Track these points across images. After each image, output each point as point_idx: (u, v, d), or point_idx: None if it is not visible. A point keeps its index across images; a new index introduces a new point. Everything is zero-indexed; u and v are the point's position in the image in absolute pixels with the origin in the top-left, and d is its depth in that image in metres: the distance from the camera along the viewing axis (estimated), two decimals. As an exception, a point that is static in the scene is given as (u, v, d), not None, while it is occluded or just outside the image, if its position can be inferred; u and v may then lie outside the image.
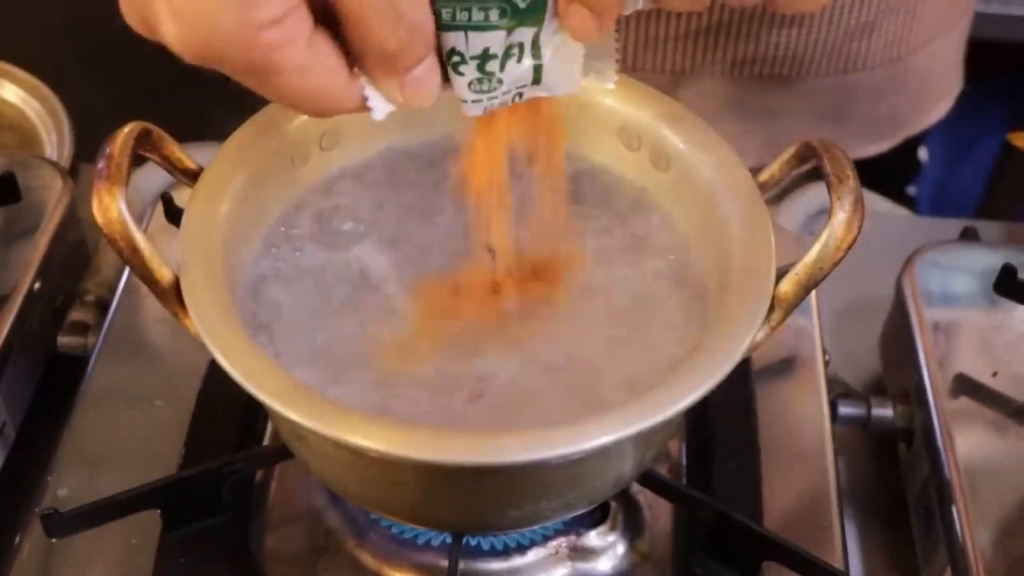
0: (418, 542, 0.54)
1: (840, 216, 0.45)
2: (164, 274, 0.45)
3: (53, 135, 0.77)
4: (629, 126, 0.54)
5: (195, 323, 0.44)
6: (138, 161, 0.46)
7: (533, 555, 0.54)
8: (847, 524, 0.58)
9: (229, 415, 0.59)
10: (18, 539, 0.55)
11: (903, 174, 0.94)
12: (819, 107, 0.79)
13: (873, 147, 0.84)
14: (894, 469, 0.64)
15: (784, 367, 0.63)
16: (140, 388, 0.61)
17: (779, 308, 0.46)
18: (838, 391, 0.64)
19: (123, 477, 0.54)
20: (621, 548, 0.55)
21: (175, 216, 0.54)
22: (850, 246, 0.45)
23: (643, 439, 0.47)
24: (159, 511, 0.54)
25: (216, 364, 0.43)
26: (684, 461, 0.59)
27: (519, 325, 0.49)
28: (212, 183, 0.49)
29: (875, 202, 0.81)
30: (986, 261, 0.66)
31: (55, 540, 0.54)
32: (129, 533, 0.55)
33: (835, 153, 0.46)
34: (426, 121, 0.55)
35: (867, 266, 0.62)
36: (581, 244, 0.52)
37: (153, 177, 0.73)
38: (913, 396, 0.62)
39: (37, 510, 0.54)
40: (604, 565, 0.55)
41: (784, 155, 0.49)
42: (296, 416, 0.42)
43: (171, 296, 0.45)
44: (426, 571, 0.54)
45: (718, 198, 0.50)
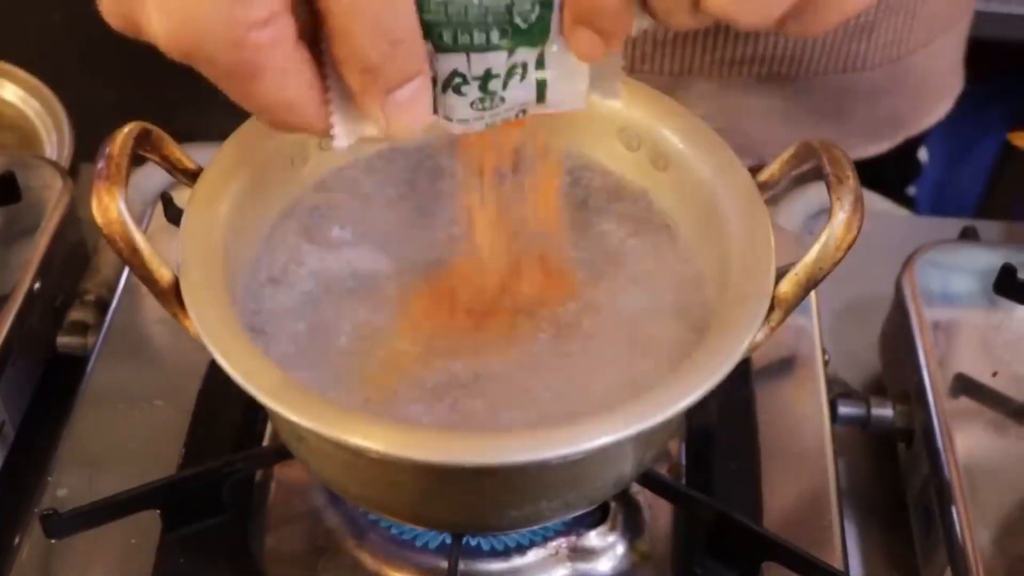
0: (418, 542, 0.54)
1: (840, 216, 0.45)
2: (164, 274, 0.45)
3: (53, 135, 0.77)
4: (629, 126, 0.54)
5: (194, 323, 0.44)
6: (138, 161, 0.46)
7: (533, 555, 0.54)
8: (847, 524, 0.58)
9: (229, 415, 0.59)
10: (17, 539, 0.55)
11: (903, 174, 0.94)
12: (819, 107, 0.79)
13: (873, 147, 0.84)
14: (894, 469, 0.64)
15: (784, 367, 0.63)
16: (140, 388, 0.61)
17: (779, 308, 0.46)
18: (838, 391, 0.64)
19: (123, 477, 0.54)
20: (621, 548, 0.55)
21: (175, 216, 0.54)
22: (850, 246, 0.45)
23: (643, 439, 0.47)
24: (159, 511, 0.54)
25: (216, 364, 0.43)
26: (684, 461, 0.59)
27: (518, 325, 0.49)
28: (212, 183, 0.49)
29: (875, 202, 0.81)
30: (986, 261, 0.66)
31: (54, 541, 0.54)
32: (129, 533, 0.55)
33: (835, 153, 0.46)
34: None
35: (867, 266, 0.62)
36: (581, 245, 0.52)
37: (153, 177, 0.73)
38: (913, 396, 0.62)
39: (36, 510, 0.54)
40: (604, 565, 0.55)
41: (784, 155, 0.49)
42: (295, 417, 0.42)
43: (171, 296, 0.45)
44: (426, 571, 0.54)
45: (718, 198, 0.50)
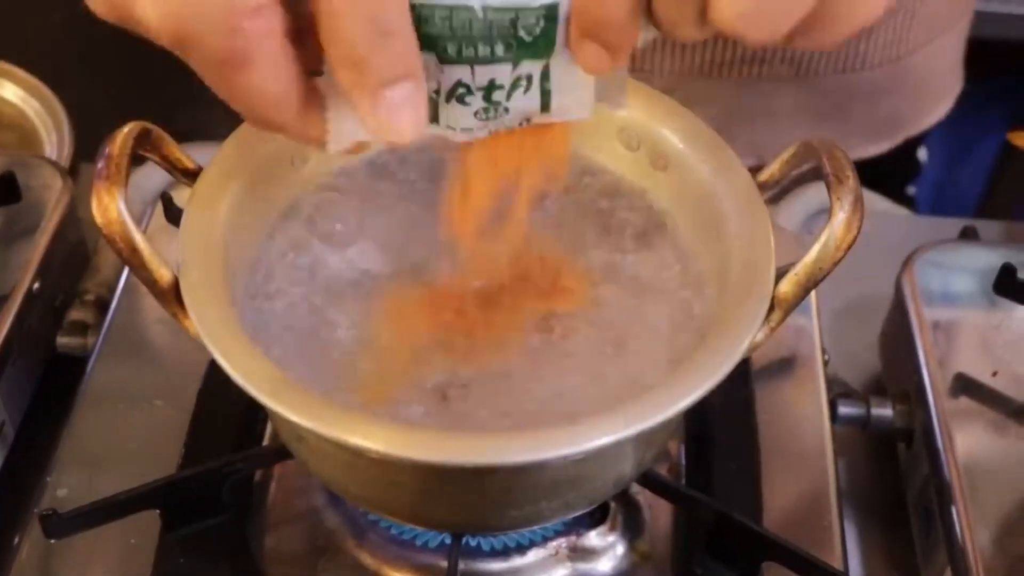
0: (417, 542, 0.54)
1: (840, 216, 0.45)
2: (163, 274, 0.45)
3: (53, 135, 0.77)
4: (629, 126, 0.54)
5: (194, 323, 0.44)
6: (138, 161, 0.46)
7: (533, 555, 0.54)
8: (847, 524, 0.58)
9: (229, 415, 0.59)
10: (17, 539, 0.55)
11: (903, 174, 0.94)
12: (819, 107, 0.79)
13: (873, 147, 0.84)
14: (894, 469, 0.64)
15: (784, 367, 0.63)
16: (140, 388, 0.61)
17: (779, 308, 0.46)
18: (838, 391, 0.64)
19: (123, 477, 0.54)
20: (621, 548, 0.55)
21: (175, 216, 0.54)
22: (850, 246, 0.45)
23: (643, 439, 0.47)
24: (159, 511, 0.54)
25: (216, 364, 0.43)
26: (684, 461, 0.59)
27: (518, 326, 0.49)
28: (212, 183, 0.49)
29: (875, 202, 0.81)
30: (986, 260, 0.66)
31: (54, 541, 0.53)
32: (129, 533, 0.55)
33: (835, 153, 0.46)
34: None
35: (867, 266, 0.62)
36: (580, 245, 0.52)
37: (153, 177, 0.73)
38: (913, 396, 0.62)
39: (36, 510, 0.54)
40: (604, 565, 0.55)
41: (784, 155, 0.49)
42: (295, 417, 0.42)
43: (170, 296, 0.45)
44: (426, 571, 0.54)
45: (718, 198, 0.50)
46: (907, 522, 0.61)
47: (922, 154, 0.92)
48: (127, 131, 0.46)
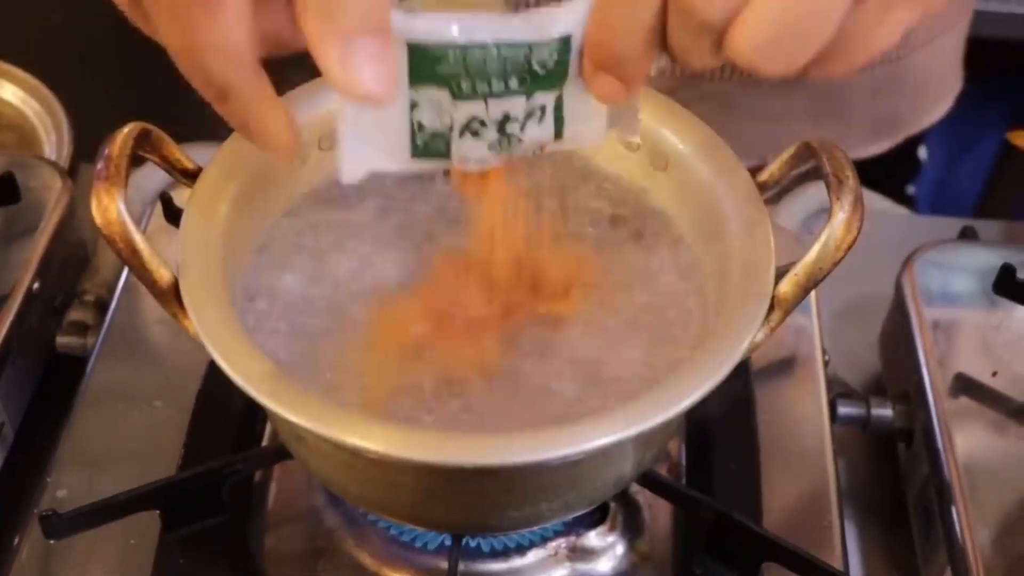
0: (417, 543, 0.54)
1: (840, 216, 0.44)
2: (163, 275, 0.45)
3: (52, 135, 0.77)
4: (629, 127, 0.53)
5: (194, 324, 0.44)
6: (137, 161, 0.46)
7: (533, 556, 0.54)
8: (847, 524, 0.58)
9: (229, 415, 0.59)
10: (17, 540, 0.55)
11: (903, 173, 0.94)
12: (819, 107, 0.79)
13: (873, 147, 0.84)
14: (894, 469, 0.64)
15: (784, 367, 0.63)
16: (140, 388, 0.61)
17: (779, 308, 0.46)
18: (838, 391, 0.64)
19: (122, 477, 0.54)
20: (621, 549, 0.55)
21: (174, 216, 0.54)
22: (850, 246, 0.45)
23: (643, 440, 0.47)
24: (159, 511, 0.54)
25: (215, 365, 0.43)
26: (684, 461, 0.59)
27: (517, 327, 0.49)
28: (211, 184, 0.49)
29: (874, 201, 0.81)
30: (985, 260, 0.66)
31: (54, 541, 0.53)
32: (129, 533, 0.55)
33: (835, 153, 0.46)
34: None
35: (866, 266, 0.62)
36: (580, 245, 0.52)
37: (152, 177, 0.73)
38: (913, 396, 0.62)
39: (36, 511, 0.54)
40: (604, 566, 0.55)
41: (784, 155, 0.49)
42: (294, 417, 0.42)
43: (170, 297, 0.45)
44: (426, 572, 0.54)
45: (717, 198, 0.50)
46: (907, 522, 0.61)
47: (922, 153, 0.92)
48: (127, 132, 0.46)
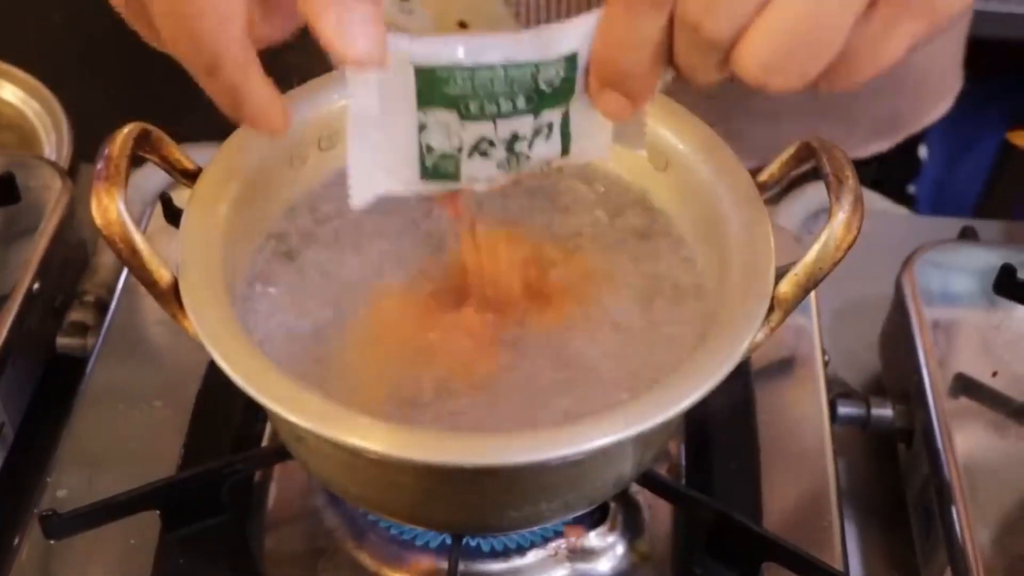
0: (417, 543, 0.54)
1: (839, 216, 0.44)
2: (163, 275, 0.45)
3: (52, 135, 0.77)
4: (629, 127, 0.53)
5: (194, 324, 0.44)
6: (137, 161, 0.46)
7: (533, 556, 0.54)
8: (847, 524, 0.58)
9: (228, 416, 0.59)
10: (17, 540, 0.55)
11: (903, 173, 0.94)
12: (819, 107, 0.79)
13: (874, 147, 0.84)
14: (894, 469, 0.64)
15: (784, 367, 0.63)
16: (139, 389, 0.61)
17: (778, 308, 0.46)
18: (838, 391, 0.64)
19: (122, 478, 0.54)
20: (621, 549, 0.55)
21: (174, 217, 0.54)
22: (849, 246, 0.45)
23: (643, 440, 0.47)
24: (158, 511, 0.54)
25: (215, 365, 0.43)
26: (684, 461, 0.59)
27: (518, 327, 0.49)
28: (211, 184, 0.49)
29: (874, 201, 0.81)
30: (985, 261, 0.66)
31: (54, 541, 0.53)
32: (128, 533, 0.55)
33: (834, 153, 0.46)
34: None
35: (866, 266, 0.62)
36: (580, 246, 0.52)
37: (152, 177, 0.73)
38: (913, 396, 0.62)
39: (36, 511, 0.54)
40: (604, 566, 0.55)
41: (783, 155, 0.49)
42: (294, 417, 0.42)
43: (170, 297, 0.45)
44: (426, 572, 0.54)
45: (717, 198, 0.50)
46: (907, 522, 0.61)
47: (922, 152, 0.92)
48: (126, 132, 0.46)
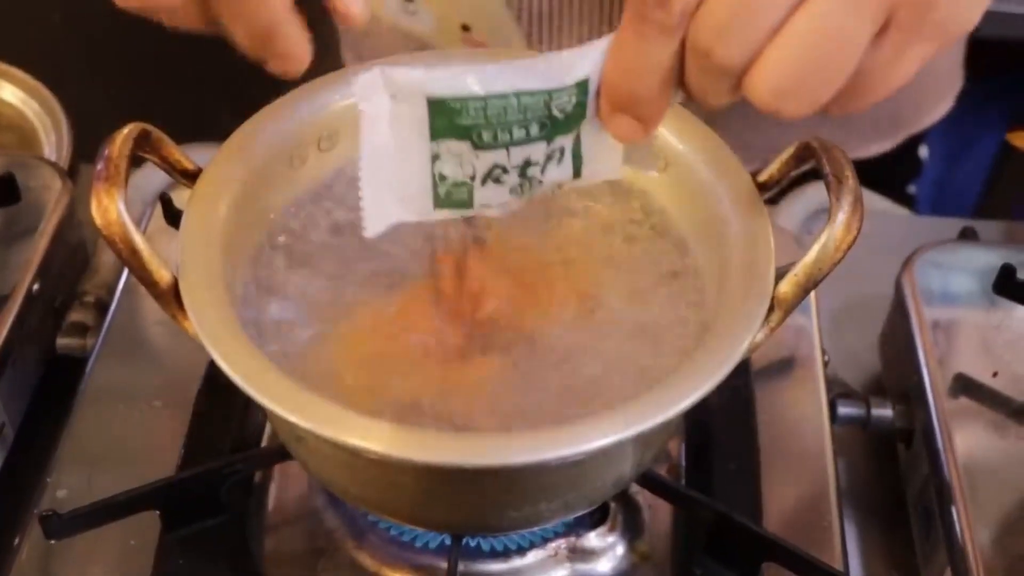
0: (417, 543, 0.54)
1: (839, 217, 0.44)
2: (163, 276, 0.45)
3: (52, 135, 0.77)
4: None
5: (194, 325, 0.44)
6: (137, 162, 0.46)
7: (532, 556, 0.54)
8: (847, 524, 0.58)
9: (228, 416, 0.59)
10: (17, 540, 0.55)
11: (904, 173, 0.94)
12: (820, 108, 0.79)
13: (875, 147, 0.84)
14: (894, 469, 0.64)
15: (783, 367, 0.63)
16: (139, 389, 0.61)
17: (778, 309, 0.46)
18: (837, 391, 0.64)
19: (122, 478, 0.54)
20: (621, 549, 0.55)
21: (174, 217, 0.54)
22: (849, 247, 0.45)
23: (642, 440, 0.47)
24: (158, 512, 0.54)
25: (215, 365, 0.43)
26: (683, 462, 0.59)
27: (517, 328, 0.49)
28: (211, 184, 0.49)
29: (874, 201, 0.81)
30: (985, 261, 0.66)
31: (54, 541, 0.53)
32: (128, 534, 0.55)
33: (834, 153, 0.46)
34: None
35: (867, 266, 0.62)
36: (580, 247, 0.52)
37: (152, 178, 0.73)
38: (913, 396, 0.62)
39: (36, 511, 0.54)
40: (604, 566, 0.55)
41: (783, 155, 0.49)
42: (294, 417, 0.42)
43: (170, 298, 0.45)
44: (425, 572, 0.54)
45: (717, 198, 0.50)
46: (907, 522, 0.61)
47: (923, 151, 0.92)
48: (126, 132, 0.46)
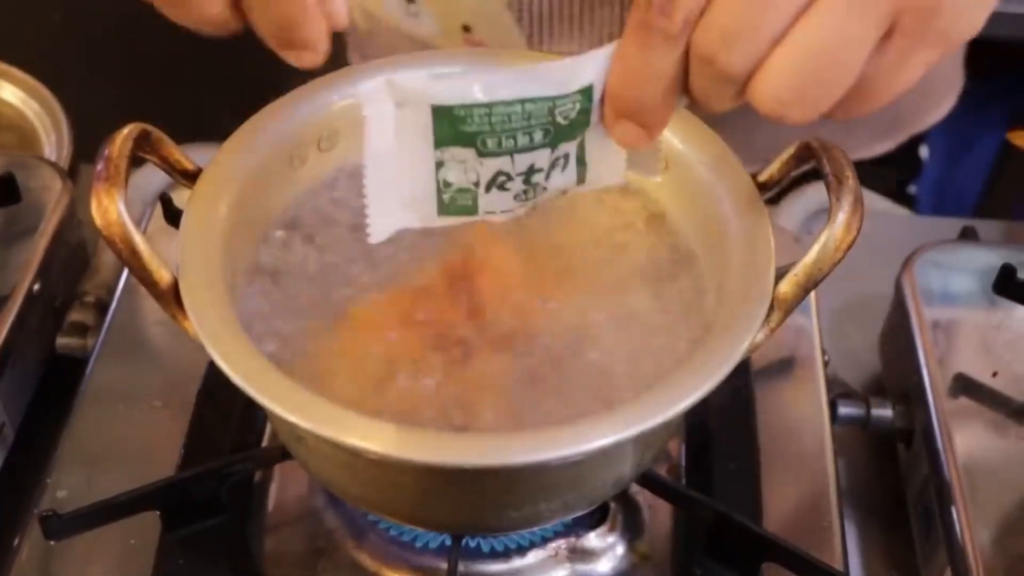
0: (417, 544, 0.54)
1: (839, 217, 0.44)
2: (163, 276, 0.45)
3: (52, 135, 0.77)
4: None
5: (194, 325, 0.44)
6: (137, 162, 0.46)
7: (532, 556, 0.54)
8: (847, 524, 0.58)
9: (228, 416, 0.59)
10: (17, 540, 0.55)
11: (904, 172, 0.94)
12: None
13: (877, 147, 0.84)
14: (894, 469, 0.64)
15: (784, 367, 0.63)
16: (139, 389, 0.61)
17: (778, 309, 0.46)
18: (838, 391, 0.64)
19: (122, 478, 0.55)
20: (621, 549, 0.55)
21: (174, 217, 0.54)
22: (849, 247, 0.45)
23: (642, 440, 0.47)
24: (158, 512, 0.54)
25: (215, 365, 0.43)
26: (683, 462, 0.59)
27: (516, 328, 0.49)
28: (211, 184, 0.49)
29: (874, 201, 0.81)
30: (985, 261, 0.66)
31: (54, 542, 0.53)
32: (128, 534, 0.55)
33: (834, 153, 0.46)
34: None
35: (866, 266, 0.62)
36: (579, 247, 0.52)
37: (152, 178, 0.73)
38: (913, 396, 0.62)
39: (36, 512, 0.54)
40: (604, 566, 0.55)
41: (783, 155, 0.49)
42: (294, 417, 0.42)
43: (170, 298, 0.45)
44: (425, 572, 0.54)
45: (717, 198, 0.50)
46: (907, 522, 0.61)
47: (923, 151, 0.92)
48: (126, 132, 0.46)
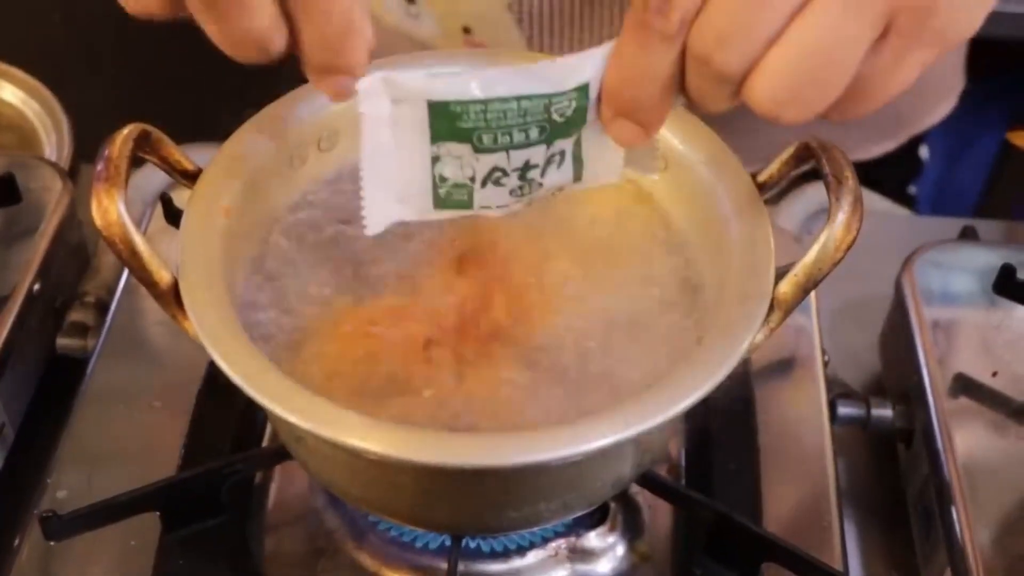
0: (417, 544, 0.54)
1: (839, 217, 0.44)
2: (163, 276, 0.45)
3: (52, 136, 0.77)
4: (628, 127, 0.53)
5: (194, 325, 0.44)
6: (137, 162, 0.46)
7: (532, 557, 0.54)
8: (847, 524, 0.58)
9: (228, 416, 0.59)
10: (17, 541, 0.55)
11: (904, 172, 0.94)
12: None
13: (877, 147, 0.84)
14: (894, 469, 0.64)
15: (783, 367, 0.63)
16: (140, 389, 0.61)
17: (778, 309, 0.46)
18: (837, 391, 0.64)
19: (122, 478, 0.55)
20: (621, 549, 0.55)
21: (174, 217, 0.54)
22: (849, 247, 0.45)
23: (642, 440, 0.47)
24: (158, 512, 0.54)
25: (215, 365, 0.43)
26: (683, 462, 0.59)
27: (517, 328, 0.49)
28: (211, 184, 0.49)
29: (874, 201, 0.81)
30: (985, 260, 0.66)
31: (54, 543, 0.53)
32: (128, 534, 0.55)
33: (834, 154, 0.46)
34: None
35: (867, 266, 0.62)
36: (579, 247, 0.52)
37: (152, 178, 0.73)
38: (913, 396, 0.62)
39: (36, 512, 0.54)
40: (604, 566, 0.55)
41: (783, 155, 0.49)
42: (294, 418, 0.42)
43: (170, 298, 0.45)
44: (425, 573, 0.54)
45: (717, 198, 0.50)
46: (907, 522, 0.61)
47: (923, 151, 0.92)
48: (126, 133, 0.46)
